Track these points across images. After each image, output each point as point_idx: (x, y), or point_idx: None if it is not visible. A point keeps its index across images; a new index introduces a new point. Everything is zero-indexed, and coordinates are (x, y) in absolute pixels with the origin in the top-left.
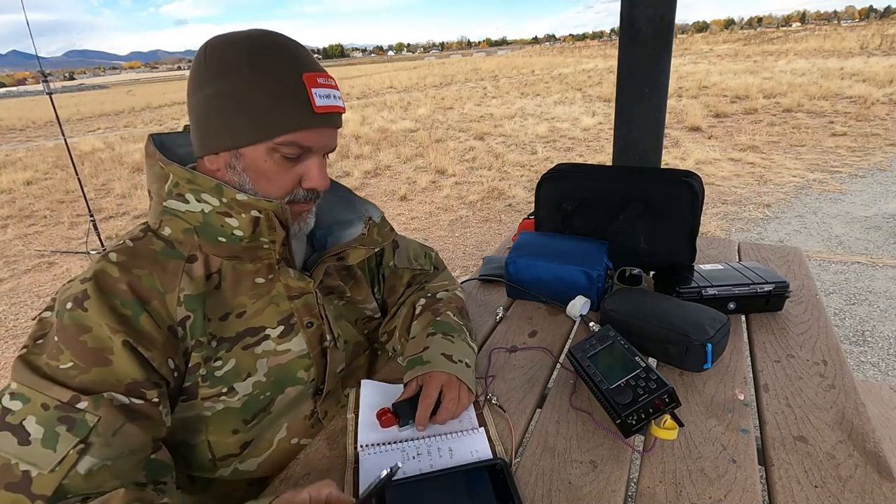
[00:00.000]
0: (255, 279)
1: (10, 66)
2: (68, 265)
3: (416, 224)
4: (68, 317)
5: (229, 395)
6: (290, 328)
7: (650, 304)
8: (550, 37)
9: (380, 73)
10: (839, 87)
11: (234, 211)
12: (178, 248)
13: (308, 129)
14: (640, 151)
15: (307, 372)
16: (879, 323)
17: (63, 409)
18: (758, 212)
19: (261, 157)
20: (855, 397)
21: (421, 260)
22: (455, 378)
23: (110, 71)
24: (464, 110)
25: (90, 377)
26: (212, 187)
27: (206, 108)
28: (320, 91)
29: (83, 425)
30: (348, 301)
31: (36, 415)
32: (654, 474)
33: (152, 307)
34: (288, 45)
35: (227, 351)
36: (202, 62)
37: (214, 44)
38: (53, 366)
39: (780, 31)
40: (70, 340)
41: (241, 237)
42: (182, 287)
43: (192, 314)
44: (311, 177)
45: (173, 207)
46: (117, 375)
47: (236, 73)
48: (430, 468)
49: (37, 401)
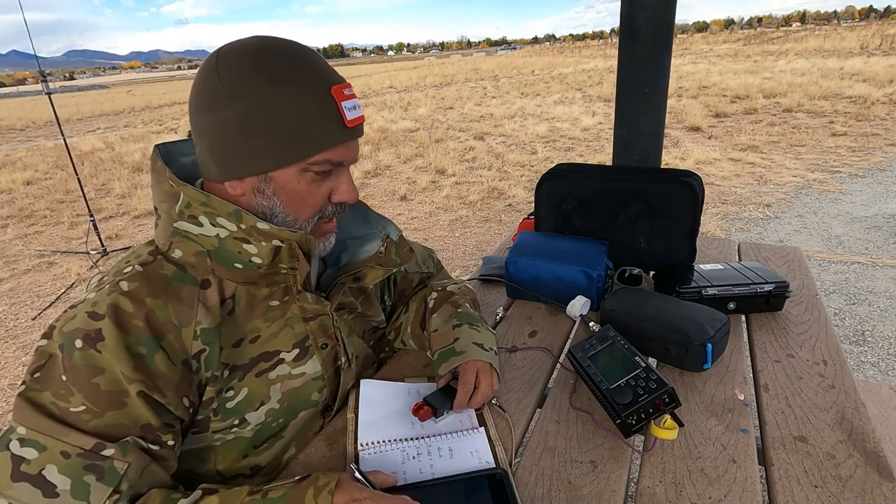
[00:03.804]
0: (269, 302)
1: (10, 66)
2: (68, 265)
3: (416, 224)
4: (80, 356)
5: (241, 426)
6: (306, 351)
7: (650, 304)
8: (550, 37)
9: (380, 73)
10: (839, 87)
11: (252, 238)
12: (191, 271)
13: (340, 145)
14: (640, 151)
15: (320, 393)
16: (879, 323)
17: (88, 458)
18: (758, 212)
19: (293, 178)
20: (855, 397)
21: (427, 262)
22: (489, 365)
23: (110, 71)
24: (464, 110)
25: (105, 421)
26: (230, 212)
27: (226, 131)
28: (348, 103)
29: (113, 473)
30: (357, 315)
31: (56, 464)
32: (654, 474)
33: (167, 342)
34: (309, 56)
35: (239, 380)
36: (215, 79)
37: (228, 58)
38: (63, 407)
39: (780, 31)
40: (82, 382)
41: (260, 265)
42: (199, 320)
43: (207, 347)
44: (341, 191)
45: (185, 229)
46: (132, 418)
47: (260, 92)
48: (430, 468)
49: (54, 448)
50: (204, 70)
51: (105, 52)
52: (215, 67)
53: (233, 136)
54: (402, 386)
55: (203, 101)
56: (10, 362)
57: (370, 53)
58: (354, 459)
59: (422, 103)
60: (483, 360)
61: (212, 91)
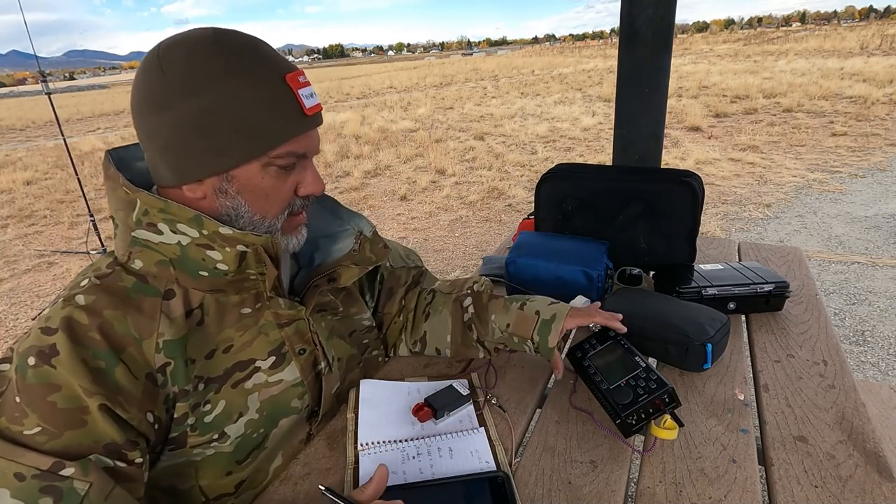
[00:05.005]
0: (240, 310)
1: (10, 66)
2: (68, 265)
3: (416, 224)
4: (33, 374)
5: (220, 440)
6: (282, 358)
7: (650, 304)
8: (550, 37)
9: (380, 73)
10: (839, 87)
11: (216, 244)
12: (153, 282)
13: (301, 135)
14: (640, 151)
15: (301, 400)
16: (879, 323)
17: (44, 478)
18: (758, 212)
19: (256, 174)
20: (855, 397)
21: (412, 256)
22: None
23: (110, 71)
24: (464, 110)
25: (63, 442)
26: (190, 218)
27: (179, 131)
28: (304, 91)
29: (73, 495)
30: (342, 316)
31: (9, 487)
32: (654, 474)
33: (128, 354)
34: (258, 45)
35: (215, 392)
36: (160, 77)
37: (172, 54)
38: (16, 430)
39: (780, 31)
40: (37, 401)
41: (226, 271)
42: (161, 332)
43: (172, 361)
44: (307, 182)
45: (144, 238)
46: (94, 437)
47: (213, 86)
48: (430, 468)
49: (7, 471)
50: (146, 68)
51: (105, 52)
52: (158, 64)
53: (188, 135)
54: (402, 386)
55: (149, 101)
56: None
57: (370, 53)
58: (354, 460)
59: (422, 103)
60: (569, 306)
61: (159, 90)
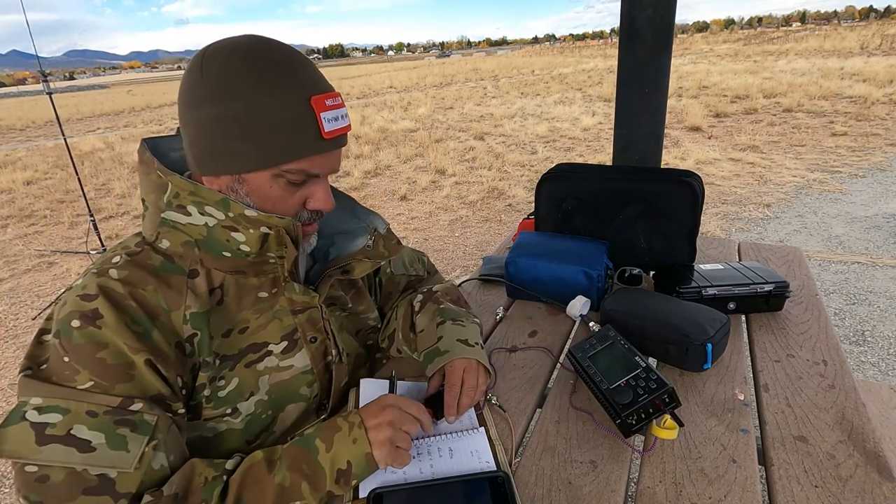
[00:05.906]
0: (258, 293)
1: (11, 66)
2: (68, 265)
3: (416, 224)
4: (79, 335)
5: (233, 415)
6: (294, 344)
7: (650, 304)
8: (550, 37)
9: (380, 73)
10: (839, 87)
11: (240, 226)
12: (178, 262)
13: (316, 156)
14: (640, 151)
15: (310, 388)
16: (879, 323)
17: (116, 413)
18: (758, 212)
19: (265, 182)
20: (855, 397)
21: (416, 265)
22: (475, 362)
23: (110, 71)
24: (464, 110)
25: (115, 393)
26: (217, 200)
27: (205, 130)
28: (328, 114)
29: (145, 425)
30: (350, 312)
31: (84, 423)
32: (654, 474)
33: (160, 323)
34: (295, 63)
35: (230, 370)
36: (198, 77)
37: (214, 58)
38: (71, 387)
39: (781, 30)
40: (86, 359)
41: (248, 252)
42: (188, 304)
43: (198, 332)
44: (316, 199)
45: (173, 219)
46: (142, 389)
47: (239, 97)
48: (430, 468)
49: (79, 409)
50: (191, 66)
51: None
52: (200, 66)
53: (209, 135)
54: (402, 385)
55: (186, 97)
56: (10, 362)
57: (370, 53)
58: None
59: (422, 103)
60: (468, 358)
61: (195, 89)
